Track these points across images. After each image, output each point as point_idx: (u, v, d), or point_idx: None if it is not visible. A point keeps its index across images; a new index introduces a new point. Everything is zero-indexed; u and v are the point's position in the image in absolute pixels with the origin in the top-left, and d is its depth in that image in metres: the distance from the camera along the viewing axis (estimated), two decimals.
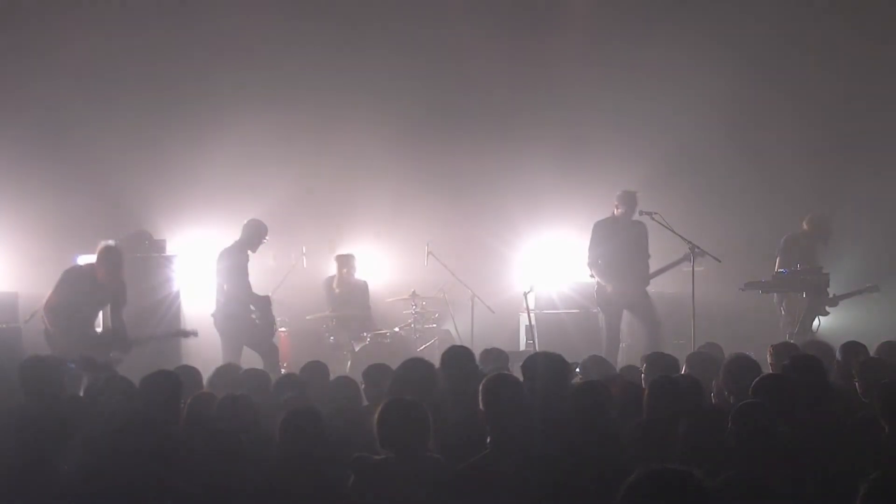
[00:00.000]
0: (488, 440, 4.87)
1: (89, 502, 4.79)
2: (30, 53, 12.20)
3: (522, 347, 11.28)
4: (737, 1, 13.46)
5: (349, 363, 11.19)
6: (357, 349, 11.48)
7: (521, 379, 5.50)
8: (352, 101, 13.07)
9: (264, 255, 11.30)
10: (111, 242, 9.00)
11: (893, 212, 12.97)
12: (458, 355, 6.39)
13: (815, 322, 10.77)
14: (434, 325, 12.20)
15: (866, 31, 13.07)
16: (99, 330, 9.31)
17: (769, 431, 4.67)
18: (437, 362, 6.44)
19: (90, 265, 8.96)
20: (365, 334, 11.67)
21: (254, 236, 10.40)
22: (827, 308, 10.83)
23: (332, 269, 12.47)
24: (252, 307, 10.24)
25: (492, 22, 13.39)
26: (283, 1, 13.15)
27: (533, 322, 11.14)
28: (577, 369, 6.98)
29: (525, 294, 11.28)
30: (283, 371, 10.10)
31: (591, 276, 10.87)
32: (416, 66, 13.30)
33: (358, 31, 13.30)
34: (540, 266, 13.26)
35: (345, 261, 12.27)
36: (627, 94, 13.23)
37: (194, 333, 9.50)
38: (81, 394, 6.80)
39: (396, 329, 11.89)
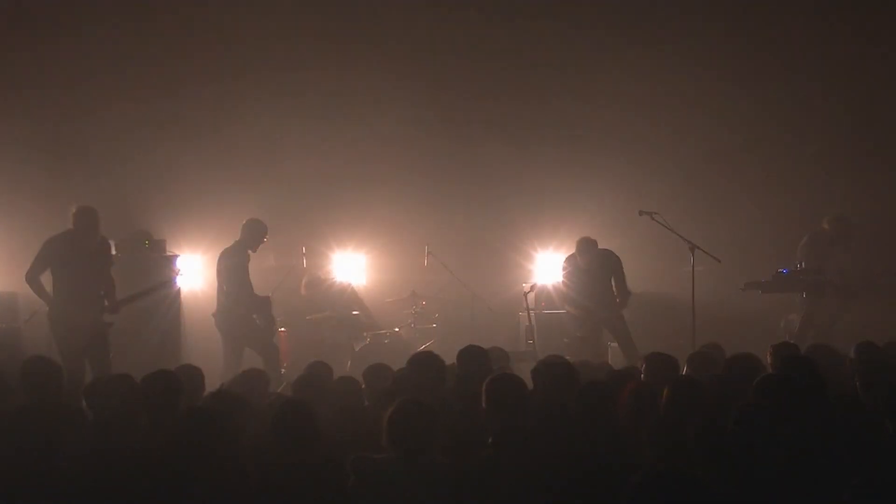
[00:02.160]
0: (490, 440, 4.86)
1: (89, 502, 4.78)
2: (28, 53, 12.18)
3: (522, 348, 11.27)
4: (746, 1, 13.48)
5: (349, 363, 11.19)
6: (357, 349, 11.48)
7: (528, 382, 5.48)
8: (353, 101, 13.07)
9: (264, 255, 11.29)
10: (83, 205, 9.03)
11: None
12: (473, 354, 6.42)
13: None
14: (434, 325, 12.20)
15: (876, 32, 13.05)
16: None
17: (769, 432, 4.66)
18: None
19: (67, 231, 8.94)
20: (365, 334, 11.66)
21: (254, 236, 10.38)
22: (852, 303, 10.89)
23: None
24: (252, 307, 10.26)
25: (494, 21, 13.38)
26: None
27: (533, 322, 11.12)
28: None
29: (525, 294, 11.27)
30: (283, 371, 10.12)
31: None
32: (417, 67, 13.29)
33: (360, 32, 13.28)
34: (540, 266, 13.25)
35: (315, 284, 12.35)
36: (628, 93, 13.21)
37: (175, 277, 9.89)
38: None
39: (396, 329, 11.89)
